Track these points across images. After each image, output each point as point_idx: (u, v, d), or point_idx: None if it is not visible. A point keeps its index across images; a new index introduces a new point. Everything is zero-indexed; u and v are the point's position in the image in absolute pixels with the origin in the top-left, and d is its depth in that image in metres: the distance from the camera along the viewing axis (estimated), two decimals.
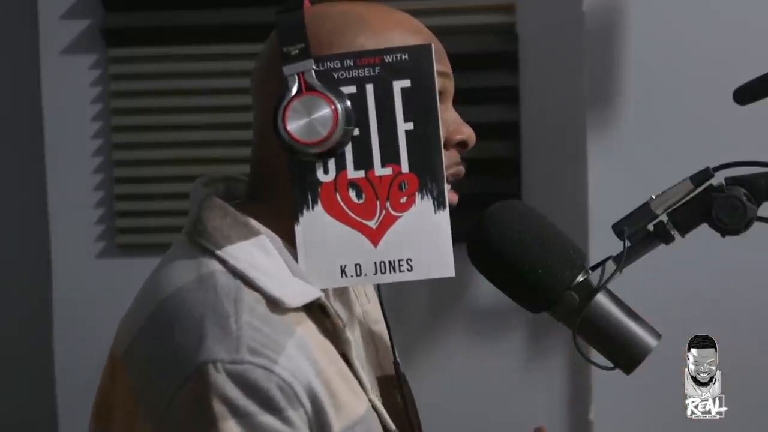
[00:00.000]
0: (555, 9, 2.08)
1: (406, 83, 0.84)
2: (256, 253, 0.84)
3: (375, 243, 0.85)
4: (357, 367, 0.85)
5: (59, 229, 2.19)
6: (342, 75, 0.85)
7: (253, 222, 0.87)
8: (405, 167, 0.84)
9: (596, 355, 0.92)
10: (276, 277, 0.82)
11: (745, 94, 0.97)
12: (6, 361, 2.33)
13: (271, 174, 0.90)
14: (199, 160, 2.17)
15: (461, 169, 0.91)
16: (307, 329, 0.82)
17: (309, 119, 0.82)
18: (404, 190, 0.85)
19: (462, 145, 0.91)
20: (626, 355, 0.88)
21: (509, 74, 2.08)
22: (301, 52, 0.84)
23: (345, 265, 0.85)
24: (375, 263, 0.85)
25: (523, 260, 0.88)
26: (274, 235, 0.87)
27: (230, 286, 0.80)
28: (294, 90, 0.83)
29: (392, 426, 0.87)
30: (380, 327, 1.04)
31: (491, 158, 2.04)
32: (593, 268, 0.90)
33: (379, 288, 1.05)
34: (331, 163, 0.85)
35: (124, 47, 2.17)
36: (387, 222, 0.85)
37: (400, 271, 0.85)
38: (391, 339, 1.04)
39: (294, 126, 0.82)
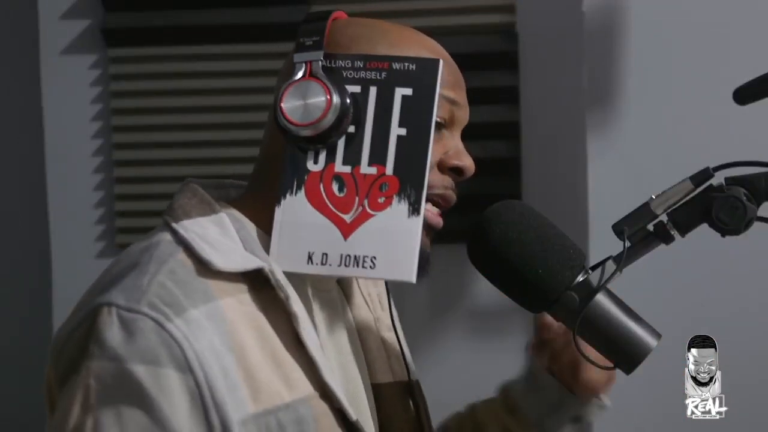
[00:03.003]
0: (555, 9, 2.08)
1: (408, 91, 0.86)
2: (210, 227, 0.87)
3: (345, 236, 0.86)
4: (309, 347, 0.84)
5: (59, 229, 2.19)
6: (350, 75, 0.87)
7: (220, 204, 0.90)
8: (390, 169, 0.86)
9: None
10: (219, 246, 0.84)
11: (745, 94, 0.97)
12: (6, 360, 2.33)
13: (267, 162, 0.93)
14: (200, 160, 2.17)
15: (451, 194, 0.92)
16: (238, 302, 0.83)
17: (304, 102, 0.85)
18: (384, 190, 0.86)
19: (457, 171, 0.91)
20: (626, 355, 0.88)
21: (509, 74, 2.08)
22: (315, 44, 0.88)
23: (313, 253, 0.86)
24: (341, 255, 0.86)
25: (523, 260, 0.88)
26: (244, 219, 0.90)
27: (167, 251, 0.83)
28: (299, 76, 0.87)
29: (353, 416, 0.85)
30: (392, 334, 1.05)
31: (491, 158, 2.04)
32: (593, 268, 0.90)
33: (389, 295, 1.07)
34: (322, 155, 0.87)
35: (124, 47, 2.17)
36: (361, 218, 0.86)
37: (362, 266, 0.85)
38: (401, 347, 1.05)
39: (289, 105, 0.86)
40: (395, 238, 0.85)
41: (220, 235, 0.86)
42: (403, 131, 0.86)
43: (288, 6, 2.11)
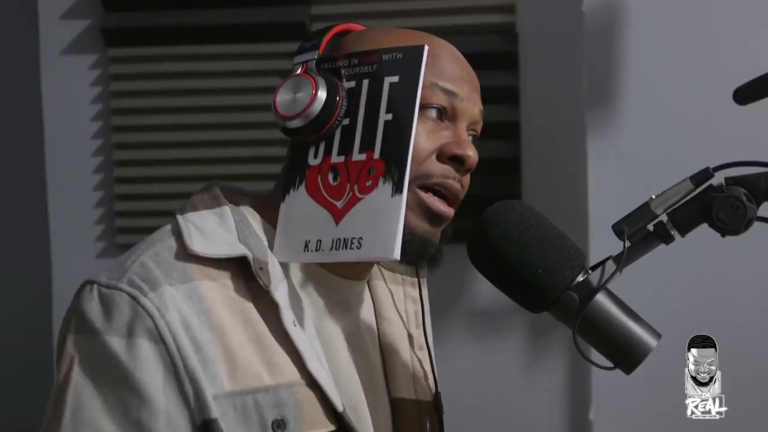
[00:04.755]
0: (555, 9, 2.08)
1: (395, 79, 0.88)
2: (210, 217, 0.90)
3: (337, 221, 0.88)
4: (292, 336, 0.85)
5: (59, 229, 2.19)
6: (348, 72, 0.91)
7: (239, 202, 0.94)
8: (377, 153, 0.87)
9: (596, 355, 0.92)
10: (210, 234, 0.87)
11: (745, 94, 0.97)
12: (6, 360, 2.33)
13: (283, 163, 0.96)
14: (200, 159, 2.17)
15: (452, 184, 0.91)
16: (220, 285, 0.85)
17: (293, 96, 0.89)
18: (372, 174, 0.87)
19: (457, 161, 0.91)
20: (626, 355, 0.88)
21: (509, 74, 2.08)
22: (312, 46, 0.92)
23: (309, 241, 0.88)
24: (333, 240, 0.87)
25: (524, 260, 0.88)
26: (254, 214, 0.93)
27: (159, 237, 0.88)
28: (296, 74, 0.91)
29: (339, 407, 0.86)
30: (423, 353, 1.06)
31: (491, 158, 2.03)
32: (593, 268, 0.90)
33: (424, 315, 1.08)
34: (321, 149, 0.90)
35: (124, 47, 2.17)
36: (351, 202, 0.87)
37: (350, 248, 0.86)
38: (434, 371, 1.06)
39: (280, 98, 0.90)
40: (379, 218, 0.85)
41: (218, 225, 0.89)
42: (389, 116, 0.87)
43: (288, 6, 2.11)
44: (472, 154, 0.91)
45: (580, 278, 0.88)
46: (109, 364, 0.80)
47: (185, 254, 0.85)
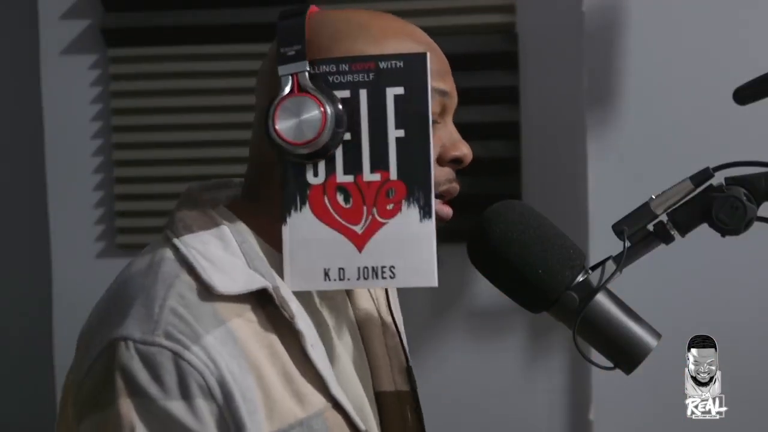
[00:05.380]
0: (555, 9, 2.08)
1: (400, 90, 0.84)
2: (212, 241, 0.85)
3: (360, 248, 0.85)
4: (316, 363, 0.84)
5: (59, 229, 2.20)
6: (337, 79, 0.85)
7: (220, 215, 0.88)
8: (393, 174, 0.84)
9: (596, 355, 0.92)
10: (221, 265, 0.83)
11: (745, 94, 0.97)
12: (6, 361, 2.33)
13: (264, 174, 0.90)
14: (199, 160, 2.17)
15: (455, 186, 0.91)
16: (246, 321, 0.82)
17: (298, 120, 0.82)
18: (391, 197, 0.84)
19: (456, 161, 0.91)
20: (626, 355, 0.88)
21: (509, 74, 2.08)
22: (297, 54, 0.85)
23: (329, 269, 0.85)
24: (359, 268, 0.84)
25: (524, 260, 0.88)
26: (247, 230, 0.88)
27: (171, 272, 0.82)
28: (287, 90, 0.84)
29: (362, 426, 0.86)
30: (396, 341, 1.04)
31: (491, 158, 2.04)
32: (593, 268, 0.90)
33: (388, 299, 1.06)
34: (321, 166, 0.85)
35: (124, 47, 2.17)
36: (373, 228, 0.85)
37: (382, 277, 0.84)
38: (404, 348, 1.05)
39: (283, 126, 0.83)
40: (411, 245, 0.83)
41: (222, 250, 0.85)
42: (401, 133, 0.84)
43: (288, 6, 2.11)
44: (467, 152, 0.91)
45: (580, 278, 0.88)
46: (177, 430, 0.76)
47: (207, 292, 0.81)
